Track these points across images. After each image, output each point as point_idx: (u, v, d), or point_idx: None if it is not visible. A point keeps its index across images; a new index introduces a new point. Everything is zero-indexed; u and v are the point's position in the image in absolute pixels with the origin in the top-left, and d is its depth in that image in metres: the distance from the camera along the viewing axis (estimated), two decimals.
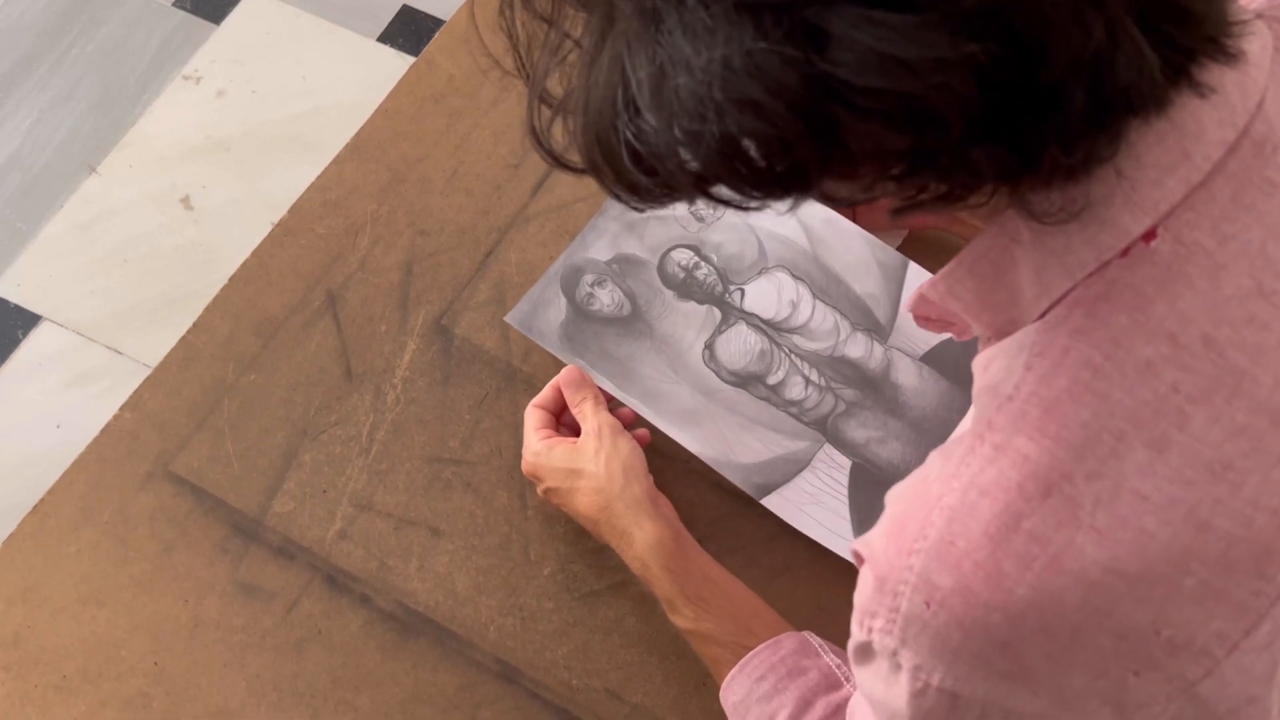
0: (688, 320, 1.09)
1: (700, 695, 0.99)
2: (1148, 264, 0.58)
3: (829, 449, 1.05)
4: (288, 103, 2.04)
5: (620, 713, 0.99)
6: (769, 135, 0.51)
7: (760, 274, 1.10)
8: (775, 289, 1.09)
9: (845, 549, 1.01)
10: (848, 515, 1.03)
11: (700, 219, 1.12)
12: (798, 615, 0.94)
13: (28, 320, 1.90)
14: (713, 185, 0.54)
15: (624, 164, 0.55)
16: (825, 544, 1.02)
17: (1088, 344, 0.58)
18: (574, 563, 1.03)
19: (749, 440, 1.04)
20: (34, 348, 1.88)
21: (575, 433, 1.02)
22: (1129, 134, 0.55)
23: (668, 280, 1.10)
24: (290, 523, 1.05)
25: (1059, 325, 0.59)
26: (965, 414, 1.01)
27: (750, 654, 0.89)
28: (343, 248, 1.15)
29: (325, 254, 1.15)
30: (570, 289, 1.10)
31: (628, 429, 1.01)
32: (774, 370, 1.07)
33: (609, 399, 1.04)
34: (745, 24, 0.49)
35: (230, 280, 1.15)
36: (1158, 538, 0.57)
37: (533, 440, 1.00)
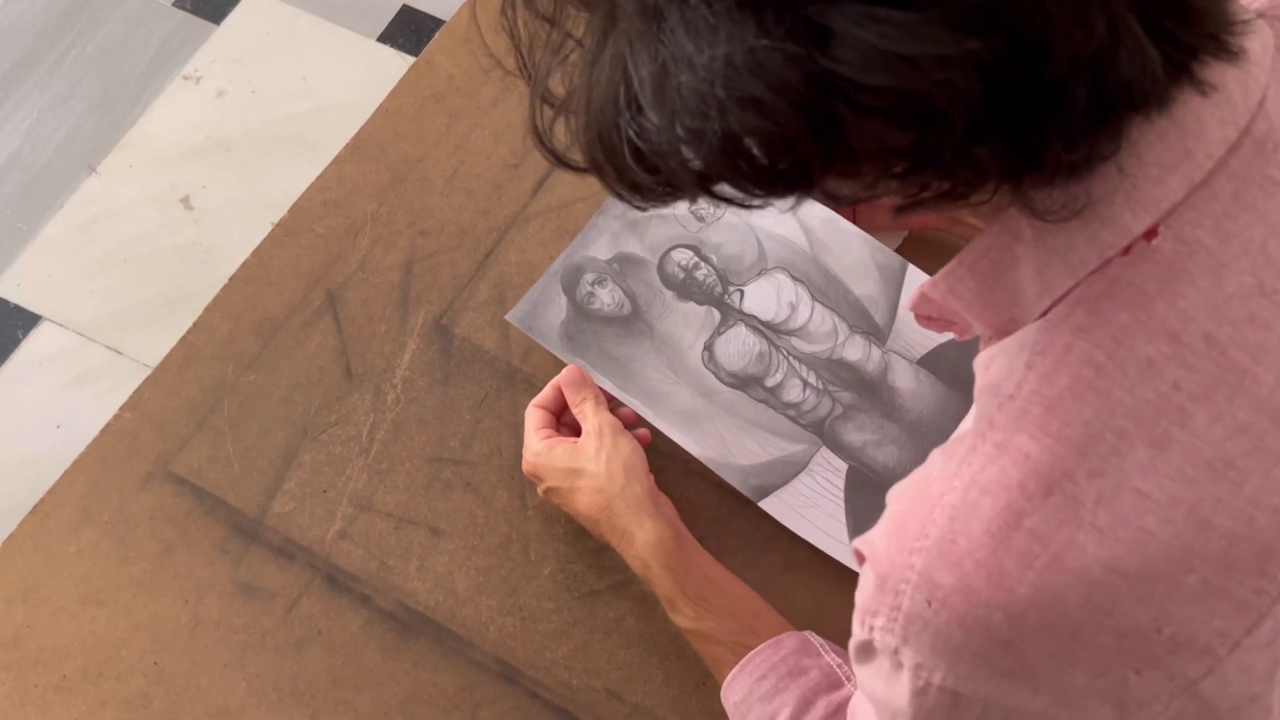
0: (687, 321, 1.09)
1: (700, 695, 0.99)
2: (1149, 262, 0.58)
3: (826, 452, 1.04)
4: (288, 103, 2.04)
5: (620, 713, 0.99)
6: (771, 133, 0.51)
7: (760, 275, 1.10)
8: (774, 290, 1.09)
9: (841, 552, 1.01)
10: (844, 519, 1.03)
11: (700, 218, 1.12)
12: (798, 615, 0.94)
13: (28, 320, 1.90)
14: (715, 183, 0.54)
15: (626, 162, 0.55)
16: (821, 547, 1.01)
17: (1089, 342, 0.58)
18: (574, 563, 1.03)
19: (747, 442, 1.04)
20: (34, 348, 1.87)
21: (576, 433, 1.02)
22: (1130, 132, 0.55)
23: (667, 280, 1.10)
24: (290, 523, 1.05)
25: (1060, 324, 0.59)
26: (961, 418, 1.01)
27: (751, 653, 0.89)
28: (343, 248, 1.15)
29: (325, 254, 1.15)
30: (571, 288, 1.09)
31: (628, 429, 1.01)
32: (772, 372, 1.07)
33: (609, 399, 1.04)
34: (747, 21, 0.49)
35: (230, 280, 1.15)
36: (1159, 536, 0.57)
37: (533, 440, 1.00)
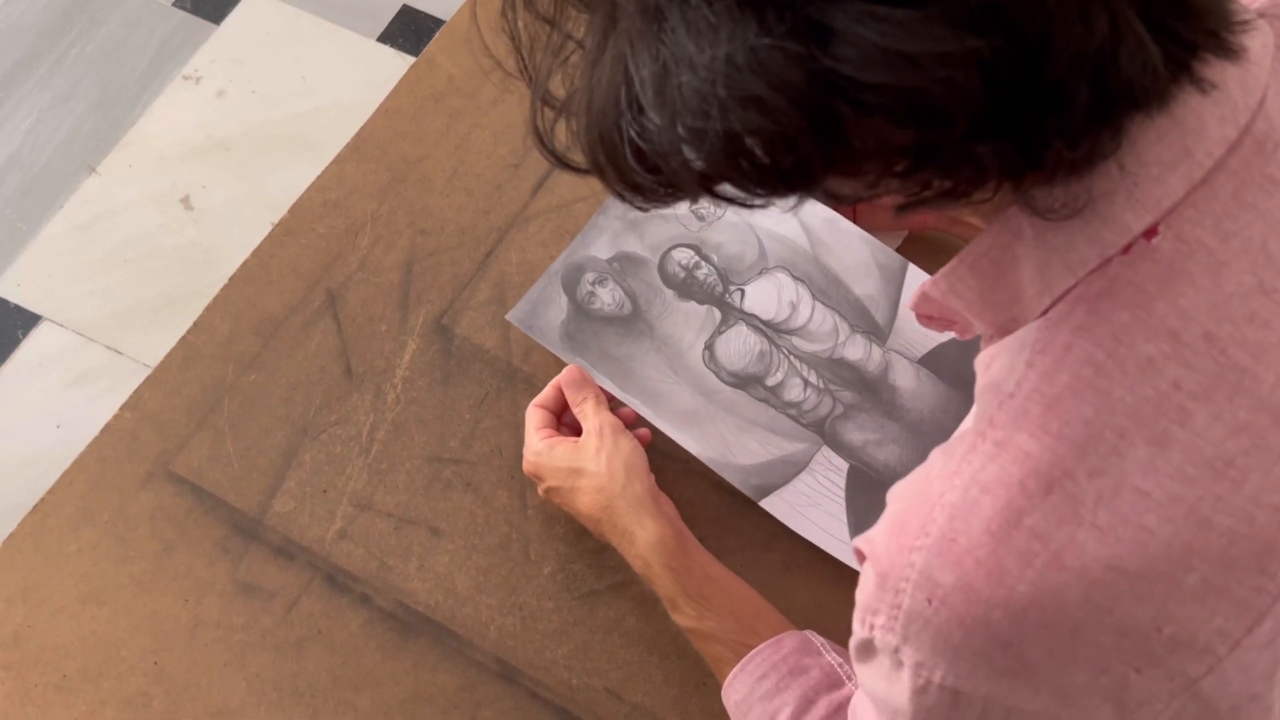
0: (688, 320, 1.09)
1: (700, 695, 0.99)
2: (1149, 261, 0.58)
3: (826, 451, 1.04)
4: (288, 103, 2.04)
5: (620, 712, 0.99)
6: (773, 132, 0.51)
7: (760, 274, 1.10)
8: (775, 290, 1.09)
9: (842, 551, 1.01)
10: (844, 518, 1.03)
11: (701, 218, 1.12)
12: (798, 615, 0.94)
13: (28, 320, 1.89)
14: (717, 183, 0.54)
15: (628, 163, 0.55)
16: (822, 546, 1.01)
17: (1089, 341, 0.58)
18: (574, 562, 1.03)
19: (747, 442, 1.04)
20: (34, 348, 1.87)
21: (576, 432, 1.02)
22: (1131, 130, 0.55)
23: (668, 280, 1.10)
24: (290, 522, 1.05)
25: (1061, 322, 0.59)
26: (962, 417, 1.01)
27: (752, 652, 0.89)
28: (343, 247, 1.15)
29: (325, 254, 1.15)
30: (571, 287, 1.09)
31: (629, 428, 1.01)
32: (773, 371, 1.07)
33: (610, 399, 1.04)
34: (748, 21, 0.49)
35: (230, 280, 1.15)
36: (1159, 535, 0.57)
37: (534, 440, 1.00)
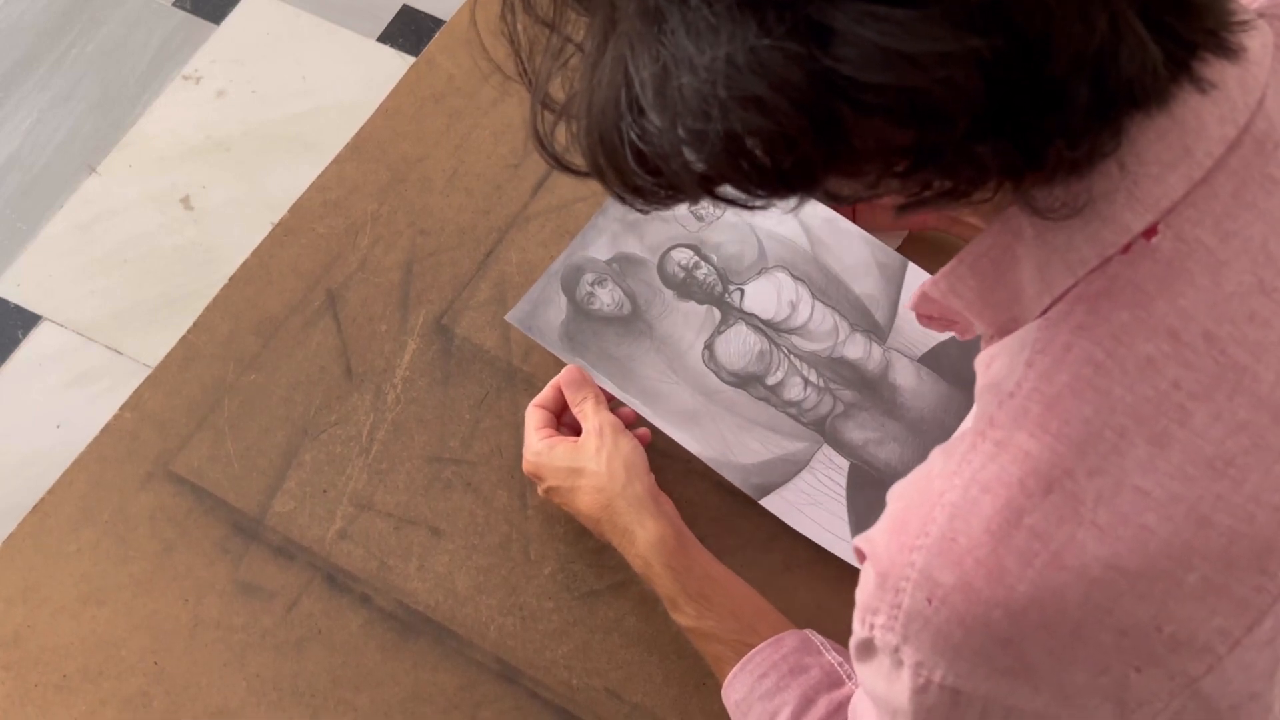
0: (687, 320, 1.09)
1: (700, 695, 0.99)
2: (1149, 260, 0.58)
3: (827, 450, 1.05)
4: (288, 103, 2.04)
5: (620, 712, 0.99)
6: (773, 132, 0.51)
7: (760, 274, 1.10)
8: (775, 289, 1.10)
9: (843, 550, 1.01)
10: (845, 516, 1.03)
11: (700, 218, 1.12)
12: (798, 615, 0.95)
13: (28, 320, 1.90)
14: (717, 185, 0.54)
15: (628, 165, 0.55)
16: (823, 545, 1.02)
17: (1089, 340, 0.58)
18: (574, 562, 1.03)
19: (748, 441, 1.04)
20: (34, 348, 1.87)
21: (576, 432, 1.02)
22: (1130, 129, 0.55)
23: (667, 280, 1.10)
24: (290, 522, 1.05)
25: (1060, 322, 0.59)
26: (962, 416, 1.01)
27: (752, 652, 0.89)
28: (343, 247, 1.15)
29: (325, 254, 1.15)
30: (570, 288, 1.10)
31: (629, 428, 1.01)
32: (773, 371, 1.07)
33: (609, 399, 1.04)
34: (748, 21, 0.49)
35: (230, 280, 1.15)
36: (1159, 534, 0.57)
37: (534, 440, 1.00)
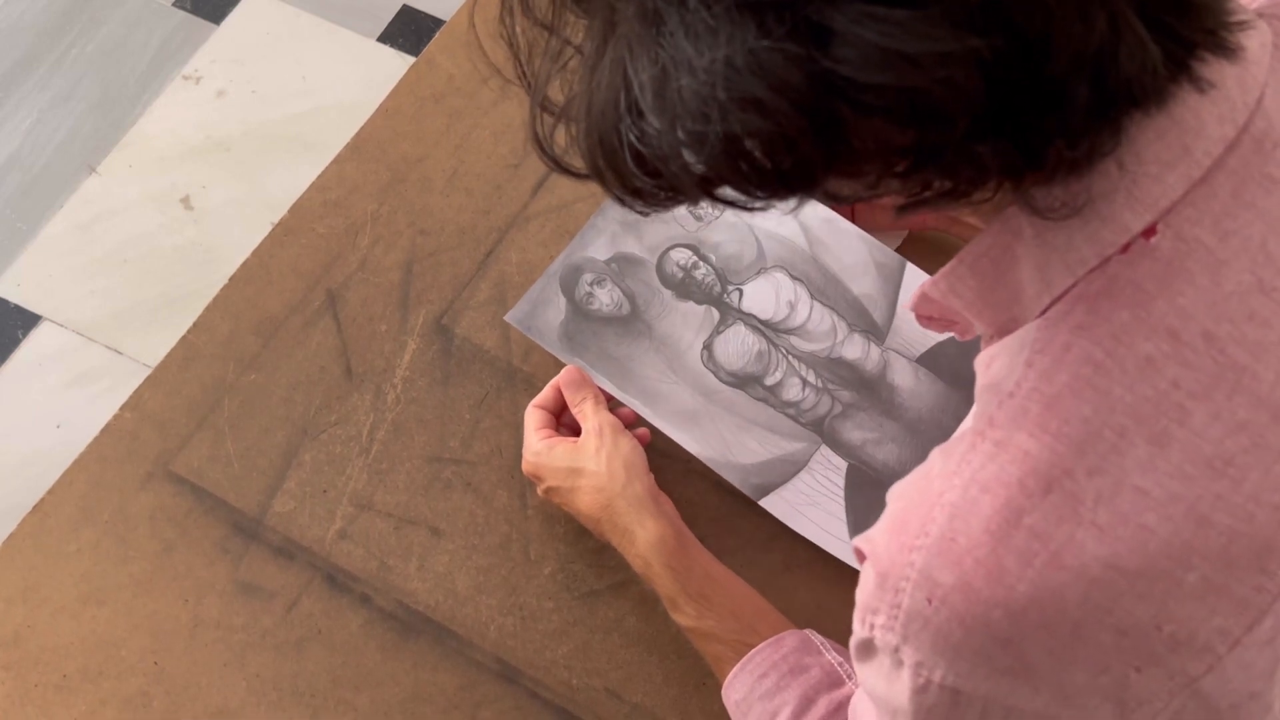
0: (686, 320, 1.09)
1: (700, 695, 0.99)
2: (1148, 260, 0.58)
3: (825, 450, 1.05)
4: (288, 103, 2.04)
5: (620, 712, 0.99)
6: (773, 134, 0.51)
7: (758, 274, 1.10)
8: (773, 289, 1.10)
9: (842, 550, 1.01)
10: (844, 516, 1.03)
11: (699, 218, 1.12)
12: (798, 615, 0.95)
13: (28, 320, 1.90)
14: (717, 186, 0.54)
15: (628, 167, 0.55)
16: (822, 545, 1.02)
17: (1089, 340, 0.58)
18: (574, 562, 1.03)
19: (747, 441, 1.04)
20: (34, 348, 1.87)
21: (575, 433, 1.02)
22: (1130, 129, 0.55)
23: (666, 280, 1.10)
24: (290, 522, 1.05)
25: (1060, 322, 0.59)
26: (960, 416, 1.01)
27: (752, 652, 0.89)
28: (343, 247, 1.15)
29: (325, 254, 1.15)
30: (569, 288, 1.10)
31: (628, 428, 1.01)
32: (771, 371, 1.07)
33: (609, 399, 1.04)
34: (748, 23, 0.49)
35: (230, 280, 1.15)
36: (1159, 534, 0.57)
37: (533, 440, 1.00)
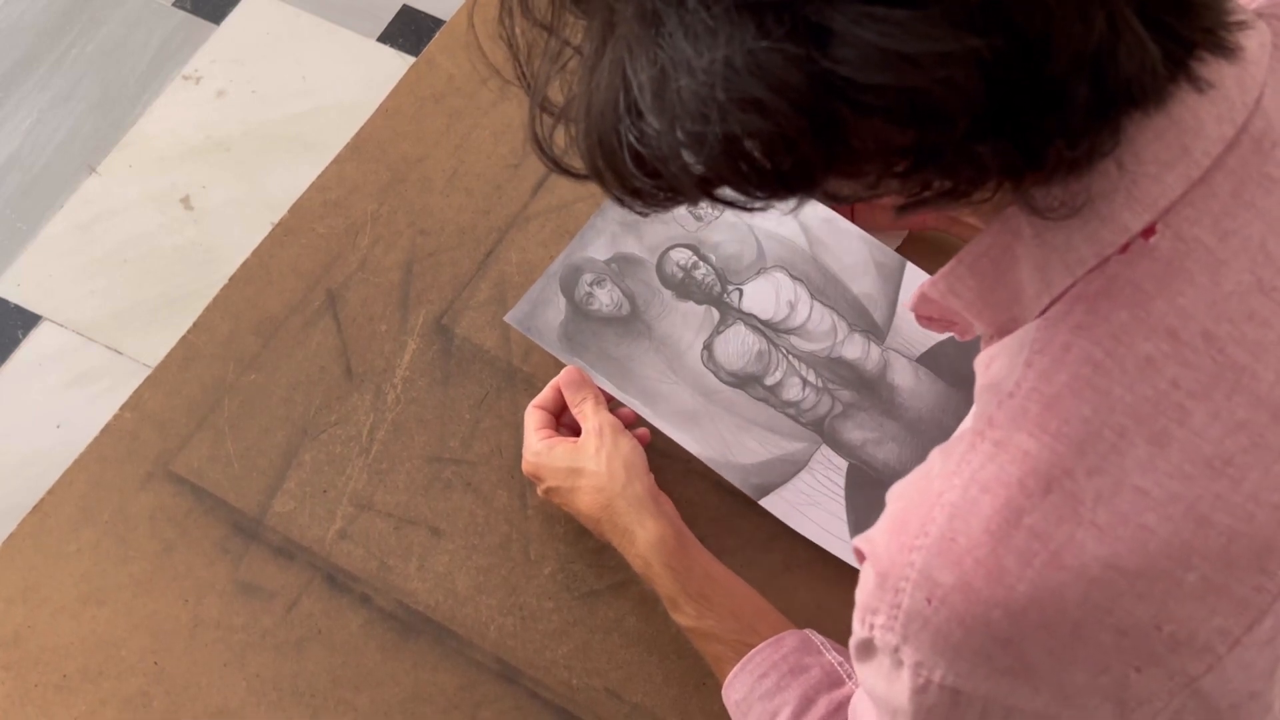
0: (686, 320, 1.09)
1: (700, 695, 0.99)
2: (1148, 260, 0.58)
3: (826, 450, 1.05)
4: (288, 103, 2.04)
5: (620, 712, 0.99)
6: (772, 134, 0.51)
7: (758, 274, 1.10)
8: (773, 289, 1.10)
9: (842, 550, 1.01)
10: (844, 516, 1.03)
11: (699, 218, 1.12)
12: (798, 615, 0.95)
13: (28, 320, 1.90)
14: (716, 187, 0.54)
15: (627, 168, 0.55)
16: (822, 545, 1.02)
17: (1088, 340, 0.58)
18: (574, 562, 1.03)
19: (747, 441, 1.04)
20: (34, 348, 1.88)
21: (575, 433, 1.02)
22: (1129, 129, 0.55)
23: (666, 280, 1.10)
24: (290, 522, 1.05)
25: (1059, 322, 0.59)
26: (961, 415, 1.01)
27: (752, 652, 0.89)
28: (343, 247, 1.15)
29: (325, 254, 1.15)
30: (569, 289, 1.10)
31: (628, 428, 1.01)
32: (772, 371, 1.07)
33: (609, 399, 1.04)
34: (747, 23, 0.49)
35: (230, 280, 1.15)
36: (1158, 533, 0.57)
37: (533, 440, 1.00)
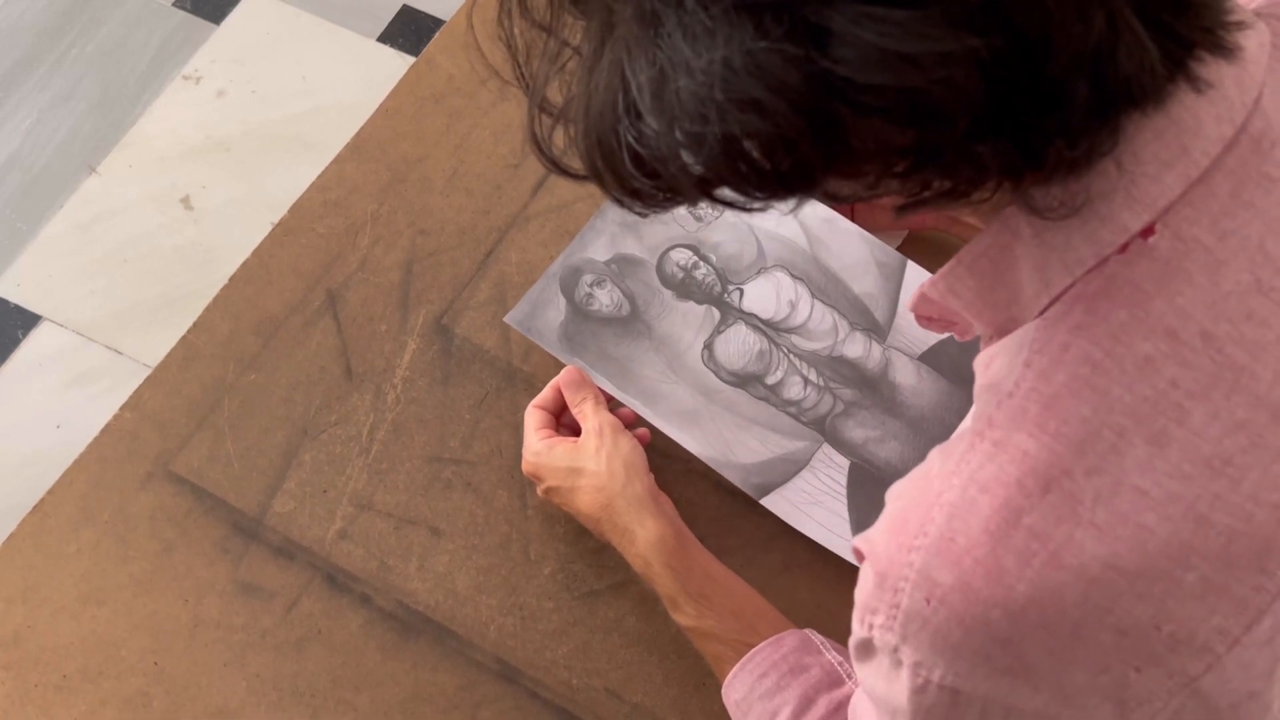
0: (686, 320, 1.09)
1: (700, 695, 0.99)
2: (1147, 260, 0.58)
3: (827, 449, 1.05)
4: (288, 103, 2.04)
5: (620, 712, 0.99)
6: (771, 135, 0.51)
7: (759, 274, 1.10)
8: (774, 289, 1.10)
9: (844, 549, 1.01)
10: (846, 515, 1.03)
11: (699, 218, 1.12)
12: (798, 615, 0.95)
13: (28, 320, 1.90)
14: (716, 187, 0.54)
15: (626, 169, 0.54)
16: (824, 544, 1.02)
17: (1087, 340, 0.58)
18: (574, 562, 1.03)
19: (748, 440, 1.04)
20: (34, 348, 1.88)
21: (575, 433, 1.02)
22: (1128, 129, 0.55)
23: (666, 280, 1.10)
24: (290, 522, 1.05)
25: (1058, 322, 0.59)
26: (963, 413, 1.01)
27: (752, 651, 0.90)
28: (343, 247, 1.15)
29: (325, 254, 1.15)
30: (569, 289, 1.10)
31: (628, 428, 1.01)
32: (773, 370, 1.07)
33: (609, 399, 1.04)
34: (745, 24, 0.49)
35: (230, 280, 1.15)
36: (1157, 533, 0.57)
37: (533, 440, 1.00)
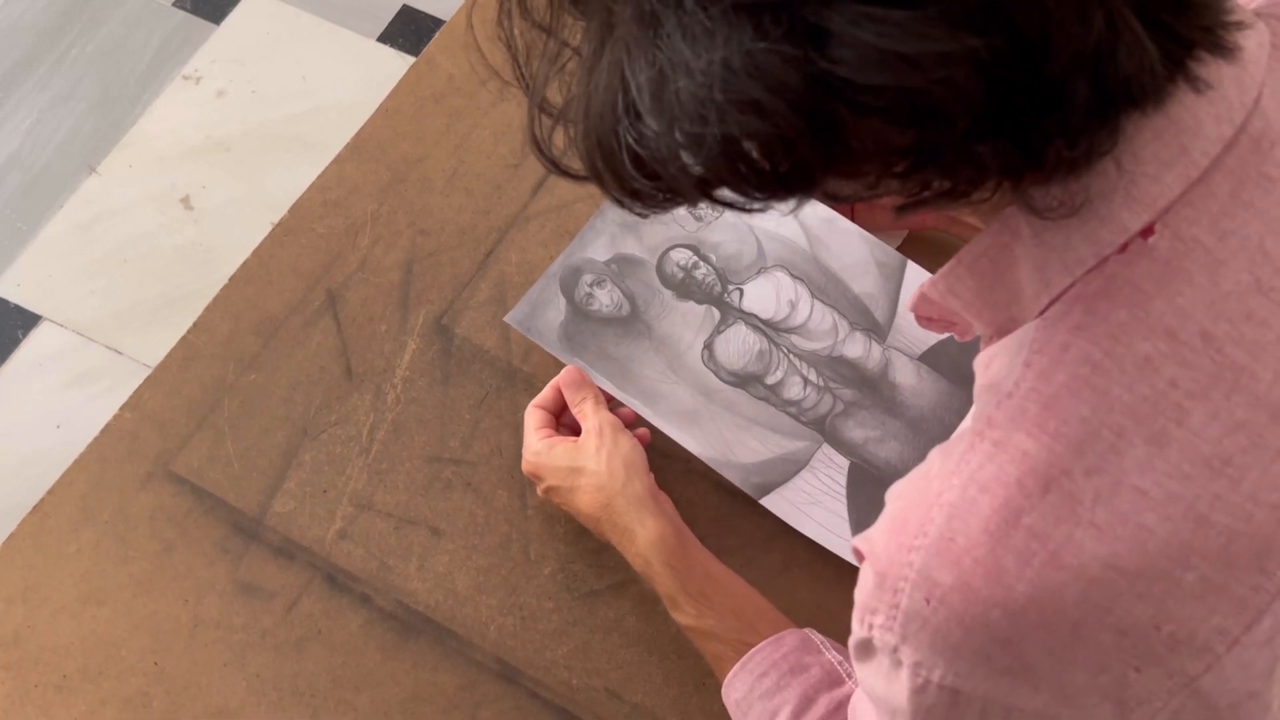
0: (686, 320, 1.09)
1: (700, 695, 0.99)
2: (1146, 260, 0.58)
3: (827, 449, 1.05)
4: (288, 103, 2.04)
5: (620, 712, 0.99)
6: (771, 135, 0.51)
7: (759, 274, 1.10)
8: (774, 289, 1.10)
9: (844, 549, 1.02)
10: (846, 515, 1.03)
11: (699, 219, 1.12)
12: (798, 615, 0.95)
13: (28, 320, 1.90)
14: (715, 188, 0.54)
15: (626, 169, 0.55)
16: (824, 544, 1.02)
17: (1087, 340, 0.58)
18: (574, 562, 1.03)
19: (748, 440, 1.04)
20: (34, 348, 1.88)
21: (575, 433, 1.02)
22: (1128, 129, 0.55)
23: (666, 280, 1.10)
24: (290, 522, 1.05)
25: (1058, 322, 0.59)
26: (963, 413, 1.01)
27: (752, 651, 0.90)
28: (343, 247, 1.15)
29: (325, 254, 1.15)
30: (569, 289, 1.10)
31: (628, 428, 1.01)
32: (773, 370, 1.07)
33: (609, 399, 1.04)
34: (744, 25, 0.49)
35: (230, 280, 1.15)
36: (1157, 533, 0.57)
37: (533, 440, 1.00)
